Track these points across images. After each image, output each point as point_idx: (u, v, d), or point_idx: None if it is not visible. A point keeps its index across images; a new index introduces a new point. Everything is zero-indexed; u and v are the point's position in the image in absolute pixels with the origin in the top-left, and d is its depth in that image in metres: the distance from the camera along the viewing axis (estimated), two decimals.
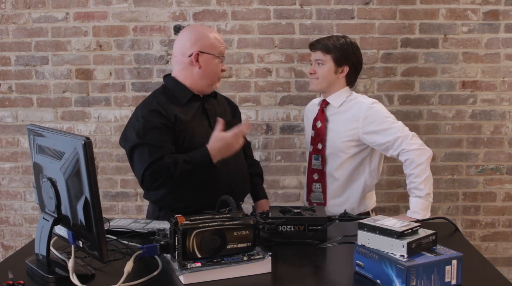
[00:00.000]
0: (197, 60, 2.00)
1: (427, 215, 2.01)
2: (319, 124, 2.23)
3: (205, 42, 2.01)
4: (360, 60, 2.23)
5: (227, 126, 2.11)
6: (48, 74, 2.97)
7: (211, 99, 2.12)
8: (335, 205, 2.20)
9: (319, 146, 2.22)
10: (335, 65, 2.17)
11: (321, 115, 2.24)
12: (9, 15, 2.93)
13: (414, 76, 2.91)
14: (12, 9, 2.93)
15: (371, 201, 2.29)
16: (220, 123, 1.94)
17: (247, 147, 2.31)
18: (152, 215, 2.10)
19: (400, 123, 2.10)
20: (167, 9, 2.90)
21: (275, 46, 2.92)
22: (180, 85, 2.05)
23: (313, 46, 2.21)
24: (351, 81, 2.24)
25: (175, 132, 1.97)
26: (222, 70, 2.06)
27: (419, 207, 2.01)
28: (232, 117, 2.19)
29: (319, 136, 2.22)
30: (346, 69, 2.19)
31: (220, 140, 1.92)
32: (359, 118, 2.12)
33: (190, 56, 2.00)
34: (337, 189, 2.22)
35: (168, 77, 2.10)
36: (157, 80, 2.94)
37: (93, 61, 2.95)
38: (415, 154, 2.03)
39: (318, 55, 2.18)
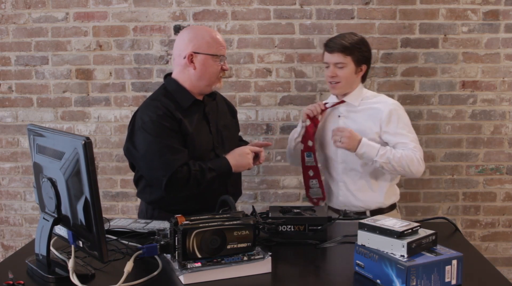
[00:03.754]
0: (191, 61, 1.97)
1: (362, 151, 2.06)
2: (308, 122, 2.22)
3: (198, 42, 1.96)
4: (371, 55, 2.23)
5: (227, 128, 2.13)
6: (48, 74, 2.97)
7: (210, 102, 2.10)
8: (364, 200, 2.19)
9: (309, 143, 2.22)
10: (355, 66, 2.14)
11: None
12: (9, 15, 2.93)
13: (414, 76, 2.91)
14: (12, 9, 2.93)
15: (396, 194, 2.29)
16: (256, 148, 2.04)
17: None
18: (145, 214, 2.08)
19: (414, 133, 2.16)
20: (167, 9, 2.90)
21: (275, 46, 2.92)
22: (181, 88, 2.01)
23: (331, 47, 2.14)
24: (365, 78, 2.24)
25: (182, 136, 1.95)
26: (223, 69, 2.01)
27: (370, 150, 2.06)
28: (230, 120, 2.18)
29: (308, 133, 2.21)
30: (364, 68, 2.18)
31: (243, 155, 1.99)
32: (378, 120, 2.12)
33: (185, 57, 1.97)
34: (366, 184, 2.20)
35: (169, 78, 2.06)
36: (157, 80, 2.94)
37: (93, 61, 2.95)
38: (414, 154, 2.07)
39: (337, 57, 2.12)
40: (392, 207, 2.26)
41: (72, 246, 1.39)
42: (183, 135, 1.94)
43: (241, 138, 2.36)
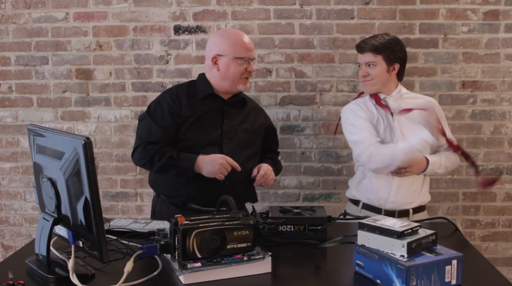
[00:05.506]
0: (215, 63, 2.11)
1: (430, 169, 2.16)
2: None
3: (223, 45, 2.09)
4: (406, 55, 2.26)
5: (247, 132, 2.20)
6: (48, 74, 2.97)
7: (235, 105, 2.19)
8: (413, 197, 2.23)
9: None
10: (387, 64, 2.18)
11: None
12: (9, 15, 2.93)
13: (414, 76, 2.91)
14: (12, 9, 2.93)
15: (428, 193, 2.35)
16: (235, 163, 2.03)
17: (273, 152, 2.38)
18: (154, 205, 2.22)
19: None
20: (167, 9, 2.90)
21: (275, 46, 2.92)
22: (205, 82, 2.17)
23: (361, 48, 2.20)
24: (401, 77, 2.27)
25: (180, 120, 2.08)
26: (248, 71, 2.12)
27: (436, 165, 2.18)
28: (256, 127, 2.23)
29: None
30: (397, 66, 2.21)
31: (214, 160, 2.00)
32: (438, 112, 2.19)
33: (211, 59, 2.12)
34: (418, 183, 2.24)
35: (201, 74, 2.23)
36: (157, 80, 2.94)
37: (93, 61, 2.95)
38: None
39: (368, 57, 2.18)
40: (425, 206, 2.31)
41: (72, 246, 1.39)
42: (185, 117, 2.08)
43: (276, 159, 2.38)
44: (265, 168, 2.13)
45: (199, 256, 1.37)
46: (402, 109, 2.15)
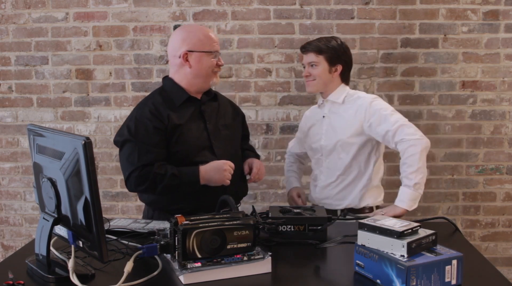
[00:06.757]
0: (186, 60, 2.00)
1: (414, 206, 2.07)
2: None
3: (192, 40, 2.00)
4: (351, 59, 2.29)
5: (227, 127, 2.13)
6: (48, 74, 2.97)
7: (210, 102, 2.12)
8: (338, 199, 2.24)
9: None
10: (329, 64, 2.21)
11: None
12: (9, 15, 2.93)
13: (414, 76, 2.91)
14: (12, 9, 2.93)
15: (373, 197, 2.28)
16: (231, 163, 1.96)
17: (250, 150, 2.33)
18: (147, 215, 2.11)
19: (399, 114, 2.15)
20: (167, 9, 2.91)
21: (275, 46, 2.92)
22: (176, 87, 2.05)
23: (305, 48, 2.24)
24: (345, 79, 2.28)
25: (167, 134, 1.97)
26: (218, 65, 2.04)
27: (407, 197, 2.07)
28: (232, 120, 2.18)
29: None
30: (339, 67, 2.23)
31: (218, 168, 1.94)
32: (363, 111, 2.16)
33: (180, 57, 2.01)
34: (343, 183, 2.24)
35: (166, 78, 2.11)
36: (157, 80, 2.94)
37: (93, 61, 2.95)
38: (410, 143, 2.06)
39: (311, 57, 2.22)
40: (367, 210, 2.26)
41: (72, 246, 1.39)
42: (172, 129, 1.97)
43: (254, 149, 2.37)
44: (257, 164, 2.13)
45: (199, 256, 1.37)
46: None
